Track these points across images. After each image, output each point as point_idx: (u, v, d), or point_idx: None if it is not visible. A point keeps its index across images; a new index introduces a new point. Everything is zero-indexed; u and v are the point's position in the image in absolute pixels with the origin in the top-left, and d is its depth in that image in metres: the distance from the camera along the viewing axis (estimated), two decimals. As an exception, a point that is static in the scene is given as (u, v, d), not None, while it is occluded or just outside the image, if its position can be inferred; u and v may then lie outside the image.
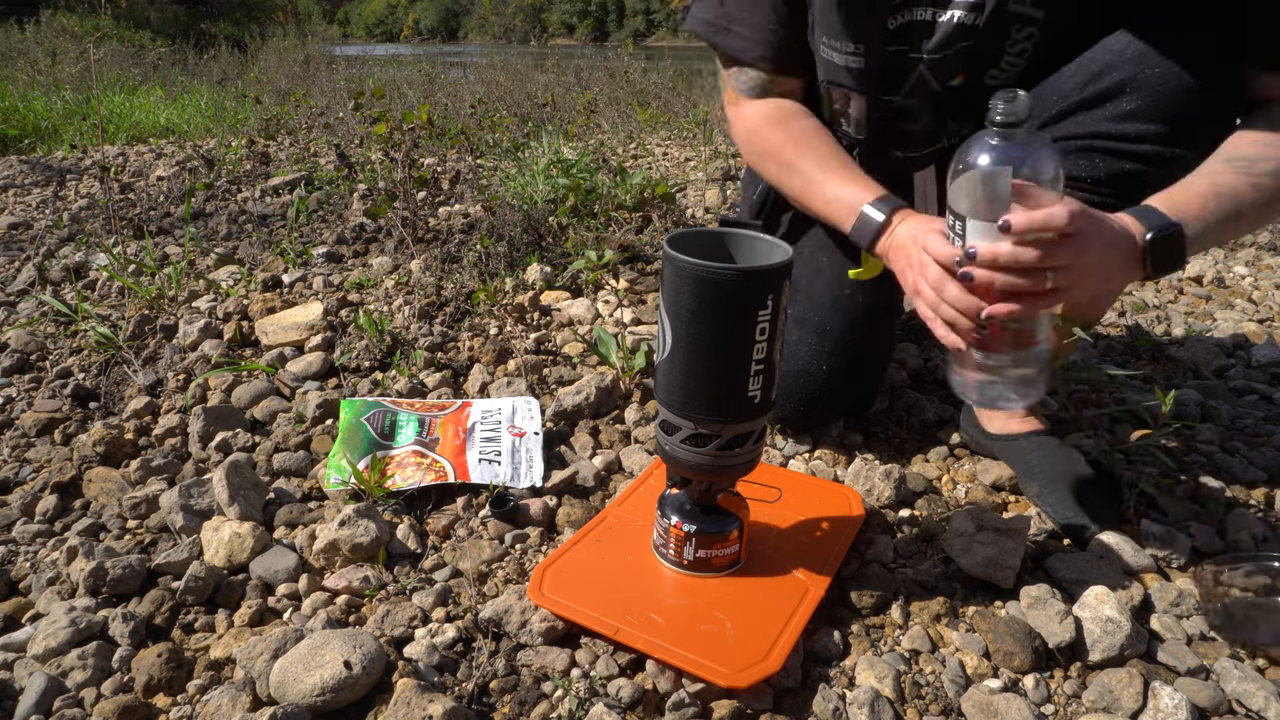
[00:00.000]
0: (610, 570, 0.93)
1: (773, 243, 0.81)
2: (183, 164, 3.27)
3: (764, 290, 0.76)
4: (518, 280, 1.82)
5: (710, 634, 0.82)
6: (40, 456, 1.25)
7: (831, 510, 1.03)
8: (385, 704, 0.78)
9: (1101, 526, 1.00)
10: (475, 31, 47.98)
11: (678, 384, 0.81)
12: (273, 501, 1.11)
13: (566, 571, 0.92)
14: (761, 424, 0.85)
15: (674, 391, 0.82)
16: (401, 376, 1.41)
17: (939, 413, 1.29)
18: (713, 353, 0.79)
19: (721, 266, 0.75)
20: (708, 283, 0.75)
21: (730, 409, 0.81)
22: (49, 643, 0.85)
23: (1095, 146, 0.89)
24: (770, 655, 0.79)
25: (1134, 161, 0.87)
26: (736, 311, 0.76)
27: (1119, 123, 0.86)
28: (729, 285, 0.75)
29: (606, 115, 4.09)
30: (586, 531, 0.99)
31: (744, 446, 0.85)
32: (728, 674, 0.77)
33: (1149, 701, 0.78)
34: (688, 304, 0.77)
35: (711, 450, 0.83)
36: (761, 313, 0.76)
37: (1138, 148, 0.86)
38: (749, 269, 0.76)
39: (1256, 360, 1.56)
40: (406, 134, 2.19)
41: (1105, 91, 0.88)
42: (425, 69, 6.56)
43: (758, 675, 0.77)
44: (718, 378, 0.80)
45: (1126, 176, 0.88)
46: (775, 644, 0.81)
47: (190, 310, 1.71)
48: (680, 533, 0.89)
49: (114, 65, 6.64)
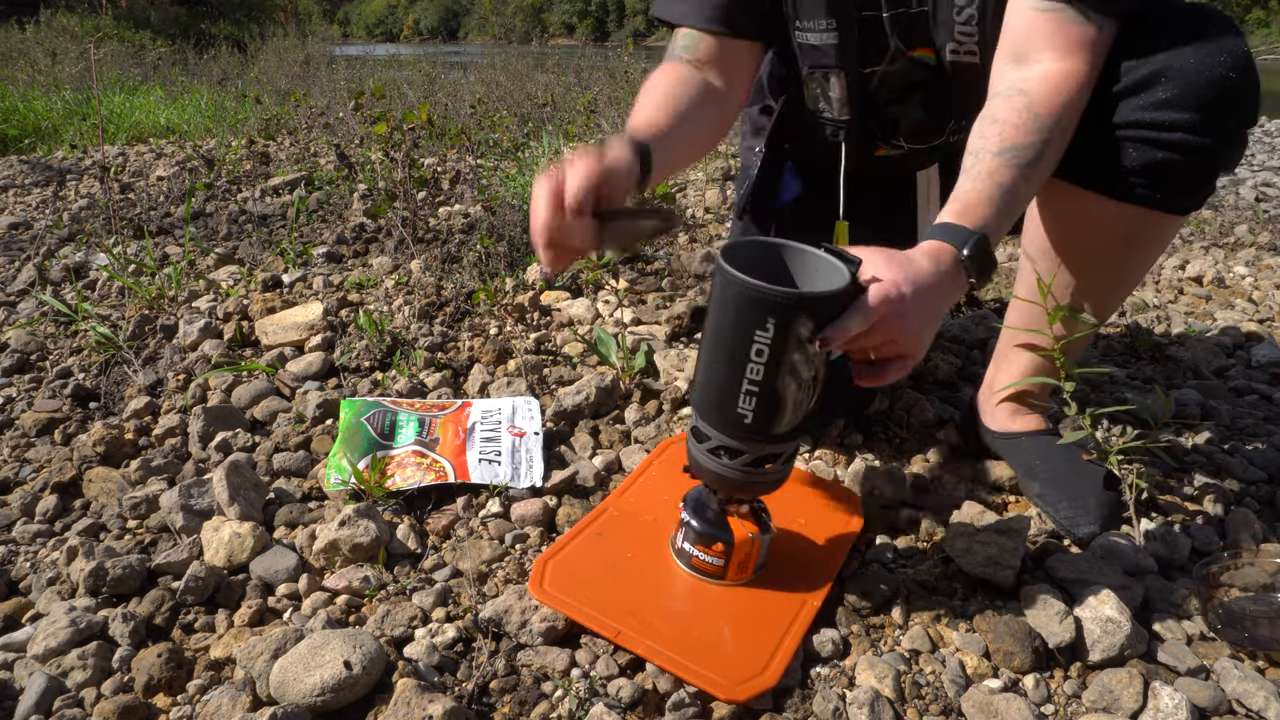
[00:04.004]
0: (611, 565, 0.93)
1: (833, 270, 0.77)
2: (183, 164, 3.27)
3: (763, 313, 0.73)
4: (518, 280, 1.82)
5: (710, 642, 0.83)
6: (40, 456, 1.25)
7: (832, 513, 1.03)
8: (385, 704, 0.78)
9: (1102, 527, 1.00)
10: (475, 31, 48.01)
11: (696, 383, 0.83)
12: (273, 501, 1.11)
13: (567, 566, 0.92)
14: (761, 450, 0.82)
15: (694, 389, 0.84)
16: (401, 376, 1.41)
17: (939, 413, 1.29)
18: (707, 355, 0.79)
19: (729, 271, 0.74)
20: (717, 284, 0.77)
21: (724, 420, 0.80)
22: (49, 643, 0.85)
23: (1131, 137, 0.89)
24: (768, 669, 0.80)
25: (1165, 150, 0.87)
26: (734, 322, 0.75)
27: (1154, 111, 0.87)
28: (731, 292, 0.75)
29: (606, 115, 4.08)
30: (587, 524, 1.00)
31: (742, 461, 0.82)
32: (727, 686, 0.78)
33: (1149, 701, 0.78)
34: (710, 299, 0.78)
35: (724, 461, 0.83)
36: (759, 334, 0.74)
37: (1169, 136, 0.87)
38: (747, 283, 0.73)
39: (1256, 360, 1.56)
40: (406, 134, 2.19)
41: (1141, 80, 0.88)
42: (425, 69, 6.55)
43: (755, 690, 0.78)
44: (709, 383, 0.80)
45: (1157, 166, 0.88)
46: (774, 657, 0.81)
47: (190, 310, 1.71)
48: (679, 517, 0.92)
49: (114, 65, 6.64)
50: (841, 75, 1.11)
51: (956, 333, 1.58)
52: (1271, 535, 1.03)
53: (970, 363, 1.49)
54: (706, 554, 0.89)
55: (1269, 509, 1.09)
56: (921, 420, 1.28)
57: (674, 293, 1.78)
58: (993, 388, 1.16)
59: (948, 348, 1.52)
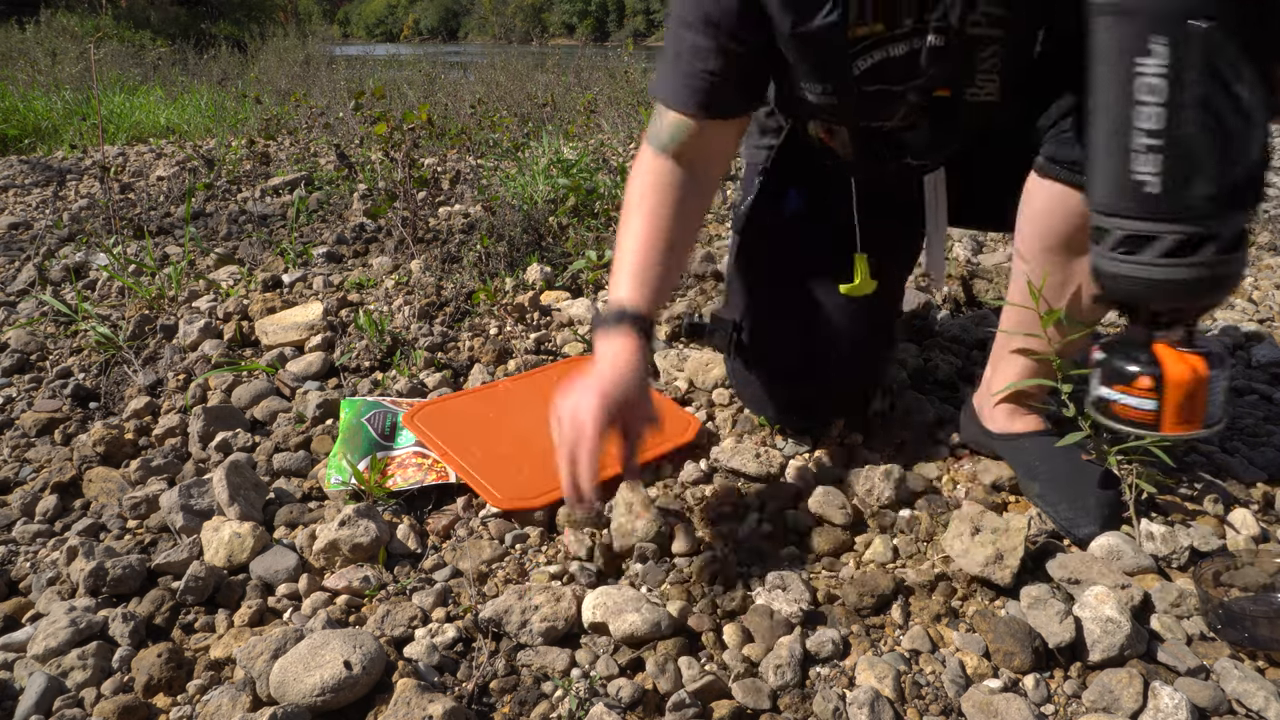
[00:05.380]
0: (472, 419, 1.22)
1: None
2: (183, 164, 3.27)
3: (1144, 28, 0.57)
4: (518, 280, 1.82)
5: (508, 473, 1.10)
6: (40, 456, 1.25)
7: (672, 421, 1.21)
8: (385, 704, 0.78)
9: (1102, 527, 1.00)
10: (475, 31, 48.00)
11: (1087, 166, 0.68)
12: (273, 501, 1.11)
13: (441, 413, 1.24)
14: (1181, 230, 0.63)
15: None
16: (401, 376, 1.41)
17: (939, 413, 1.29)
18: (1090, 115, 0.64)
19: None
20: (1090, 26, 0.62)
21: (1121, 194, 0.64)
22: (49, 643, 0.85)
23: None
24: (538, 499, 1.06)
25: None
26: (1110, 59, 0.61)
27: None
28: (1097, 12, 0.60)
29: (606, 115, 4.08)
30: (476, 390, 1.32)
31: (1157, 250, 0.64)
32: (500, 499, 1.06)
33: (1149, 701, 0.78)
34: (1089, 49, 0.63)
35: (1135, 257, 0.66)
36: (1144, 62, 0.58)
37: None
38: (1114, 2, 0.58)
39: (1256, 360, 1.56)
40: (406, 134, 2.19)
41: None
42: (425, 69, 6.55)
43: (519, 505, 1.05)
44: (1095, 153, 0.64)
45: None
46: (547, 493, 1.05)
47: (190, 310, 1.71)
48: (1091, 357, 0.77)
49: (114, 65, 6.64)
50: (844, 127, 1.08)
51: (956, 333, 1.58)
52: (1272, 535, 1.03)
53: (970, 363, 1.49)
54: (1130, 395, 0.72)
55: (1269, 509, 1.09)
56: (921, 420, 1.28)
57: (674, 293, 1.78)
58: (991, 389, 1.16)
59: (948, 348, 1.52)
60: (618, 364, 0.94)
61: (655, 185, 1.04)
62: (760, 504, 1.09)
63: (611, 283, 1.03)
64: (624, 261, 1.02)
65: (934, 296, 1.73)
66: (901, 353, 1.47)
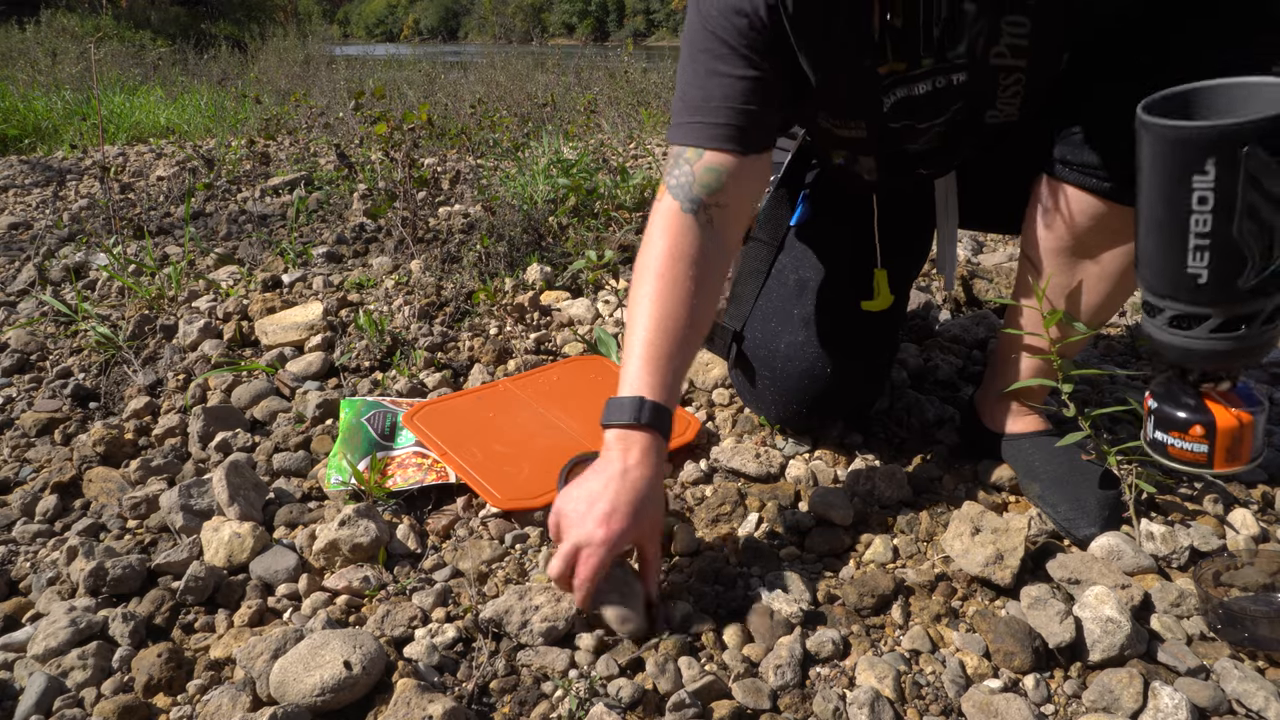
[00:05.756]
0: (471, 420, 1.23)
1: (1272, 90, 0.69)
2: (183, 164, 3.27)
3: (1199, 153, 0.66)
4: (518, 280, 1.82)
5: (508, 473, 1.11)
6: (40, 456, 1.25)
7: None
8: (385, 704, 0.78)
9: (1102, 527, 1.00)
10: (475, 31, 48.00)
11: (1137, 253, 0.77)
12: (273, 501, 1.11)
13: (440, 413, 1.24)
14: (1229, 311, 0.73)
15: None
16: (401, 376, 1.41)
17: (939, 413, 1.29)
18: (1144, 217, 0.73)
19: (1148, 120, 0.68)
20: (1140, 141, 0.71)
21: (1176, 285, 0.73)
22: (49, 643, 0.85)
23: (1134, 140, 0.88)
24: (538, 499, 1.07)
25: None
26: (1165, 174, 0.69)
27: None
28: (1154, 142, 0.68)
29: (606, 115, 4.08)
30: (475, 391, 1.32)
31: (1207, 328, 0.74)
32: (500, 499, 1.06)
33: (1149, 701, 0.78)
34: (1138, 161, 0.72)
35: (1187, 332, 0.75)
36: (1198, 179, 0.66)
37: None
38: (1167, 125, 0.66)
39: (1256, 360, 1.56)
40: (406, 134, 2.19)
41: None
42: (425, 69, 6.55)
43: (519, 505, 1.06)
44: (1150, 248, 0.73)
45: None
46: (546, 494, 1.06)
47: (190, 310, 1.71)
48: (1146, 405, 0.86)
49: (114, 65, 6.64)
50: (871, 155, 1.07)
51: (956, 333, 1.58)
52: (1271, 535, 1.03)
53: (970, 363, 1.49)
54: (1184, 440, 0.81)
55: (1269, 509, 1.09)
56: (921, 420, 1.28)
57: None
58: (992, 389, 1.16)
59: (948, 348, 1.53)
60: (635, 478, 0.87)
61: (675, 254, 0.95)
62: (760, 504, 1.09)
63: (625, 362, 0.94)
64: (639, 341, 0.93)
65: (934, 296, 1.73)
66: (901, 353, 1.47)
